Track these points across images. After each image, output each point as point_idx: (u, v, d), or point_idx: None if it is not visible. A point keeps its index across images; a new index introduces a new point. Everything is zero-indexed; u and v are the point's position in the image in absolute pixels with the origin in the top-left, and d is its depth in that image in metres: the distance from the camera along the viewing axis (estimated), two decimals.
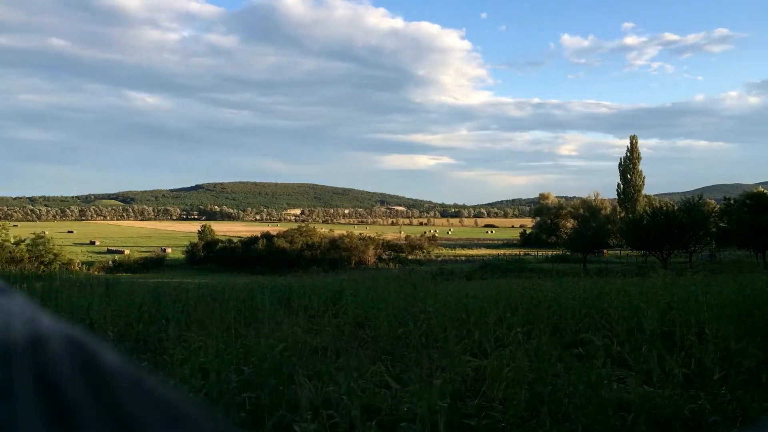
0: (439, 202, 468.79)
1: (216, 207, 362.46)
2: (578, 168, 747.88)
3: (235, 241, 62.98)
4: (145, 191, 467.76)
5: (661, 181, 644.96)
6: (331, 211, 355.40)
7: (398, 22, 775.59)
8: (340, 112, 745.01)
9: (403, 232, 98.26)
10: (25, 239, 47.37)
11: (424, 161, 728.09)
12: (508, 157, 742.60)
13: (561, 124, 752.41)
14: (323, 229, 78.77)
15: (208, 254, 58.59)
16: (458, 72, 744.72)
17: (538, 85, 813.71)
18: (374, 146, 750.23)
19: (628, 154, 74.60)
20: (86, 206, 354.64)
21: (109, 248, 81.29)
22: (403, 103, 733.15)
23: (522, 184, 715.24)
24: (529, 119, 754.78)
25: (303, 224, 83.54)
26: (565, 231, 72.66)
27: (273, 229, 79.69)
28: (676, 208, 46.68)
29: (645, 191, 74.08)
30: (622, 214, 66.20)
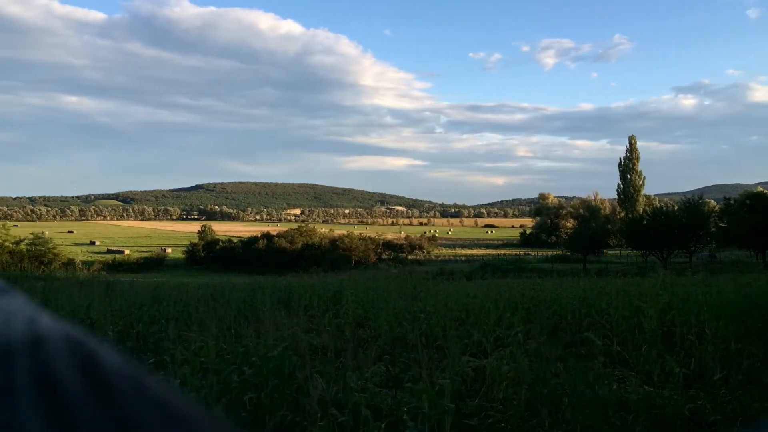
0: (439, 202, 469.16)
1: (216, 207, 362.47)
2: (546, 168, 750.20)
3: (235, 241, 62.98)
4: (145, 191, 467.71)
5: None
6: (331, 211, 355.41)
7: (326, 33, 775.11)
8: (281, 114, 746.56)
9: (403, 232, 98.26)
10: (24, 239, 47.37)
11: (392, 162, 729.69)
12: (472, 159, 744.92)
13: (508, 126, 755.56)
14: (323, 229, 78.77)
15: (208, 254, 58.59)
16: (382, 76, 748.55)
17: (465, 90, 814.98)
18: (332, 147, 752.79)
19: (628, 154, 74.58)
20: (86, 206, 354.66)
21: (109, 248, 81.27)
22: (340, 107, 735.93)
23: (500, 185, 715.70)
24: (471, 123, 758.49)
25: (303, 224, 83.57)
26: (565, 231, 72.67)
27: (273, 229, 79.69)
28: (676, 208, 46.69)
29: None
30: (622, 214, 66.20)
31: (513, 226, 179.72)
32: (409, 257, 64.51)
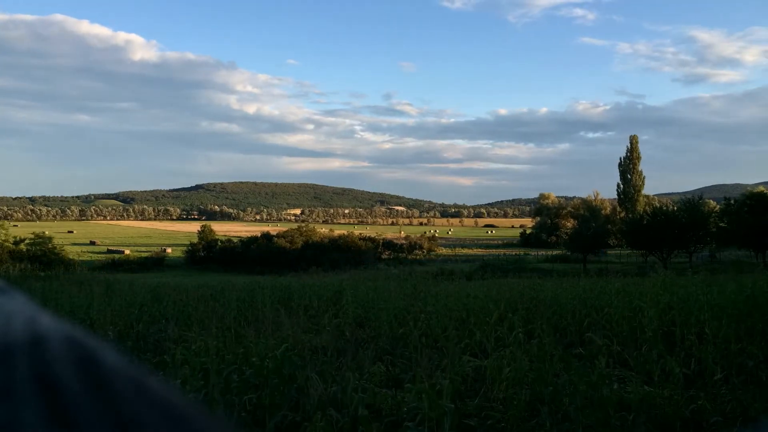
0: (439, 202, 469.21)
1: (216, 207, 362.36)
2: (498, 170, 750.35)
3: (235, 241, 62.93)
4: (145, 191, 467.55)
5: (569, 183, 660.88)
6: (331, 211, 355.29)
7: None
8: (191, 118, 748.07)
9: (403, 232, 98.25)
10: (25, 239, 47.36)
11: (336, 164, 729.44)
12: (415, 160, 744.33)
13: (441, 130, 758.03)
14: (323, 229, 78.75)
15: (208, 254, 58.52)
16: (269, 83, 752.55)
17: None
18: (267, 150, 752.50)
19: (628, 154, 74.54)
20: (86, 206, 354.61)
21: (109, 248, 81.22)
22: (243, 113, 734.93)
23: (469, 185, 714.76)
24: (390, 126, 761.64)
25: (303, 224, 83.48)
26: (565, 231, 72.60)
27: (273, 229, 79.68)
28: (676, 208, 46.66)
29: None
30: (622, 214, 66.18)
31: (513, 226, 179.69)
32: (409, 257, 64.48)
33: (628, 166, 73.75)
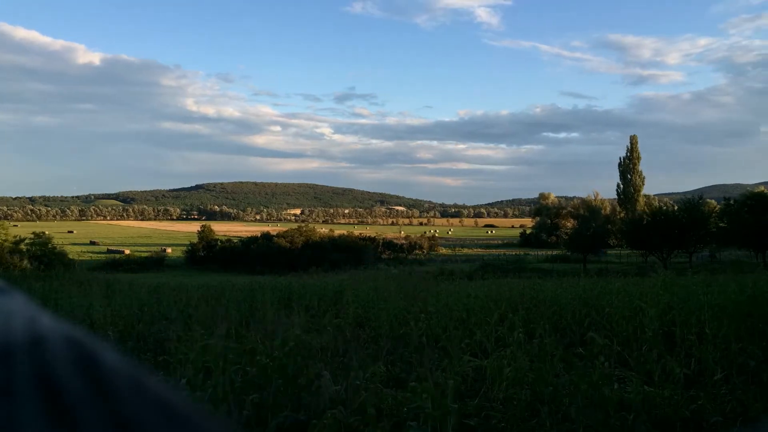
0: (439, 202, 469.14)
1: (216, 207, 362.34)
2: (470, 170, 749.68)
3: (235, 240, 62.95)
4: (145, 191, 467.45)
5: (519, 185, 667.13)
6: (331, 211, 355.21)
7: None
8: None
9: (403, 232, 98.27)
10: (25, 239, 47.34)
11: (313, 164, 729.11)
12: (389, 160, 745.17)
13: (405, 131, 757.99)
14: (323, 229, 78.75)
15: (208, 254, 58.54)
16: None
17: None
18: (243, 150, 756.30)
19: (628, 155, 74.54)
20: (86, 206, 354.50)
21: (110, 248, 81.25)
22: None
23: (456, 185, 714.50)
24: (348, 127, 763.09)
25: (303, 224, 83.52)
26: (565, 231, 72.58)
27: (273, 229, 79.68)
28: (676, 208, 46.66)
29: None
30: (622, 214, 66.17)
31: (513, 226, 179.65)
32: (409, 257, 64.50)
33: (628, 166, 73.75)
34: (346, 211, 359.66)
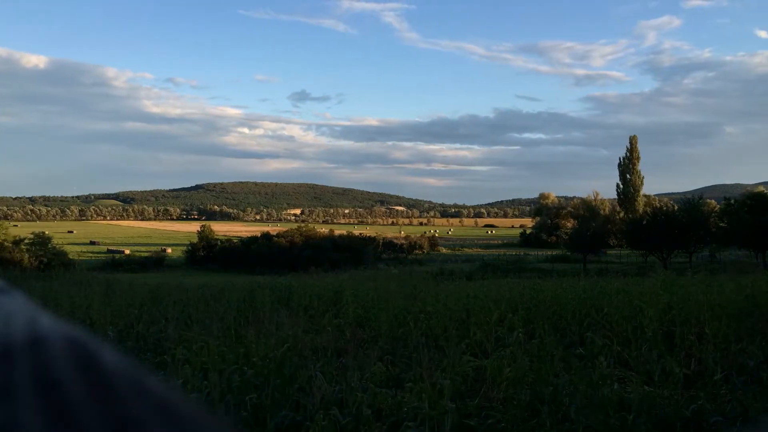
0: (439, 202, 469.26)
1: (216, 207, 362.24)
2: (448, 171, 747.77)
3: (235, 240, 62.96)
4: (145, 191, 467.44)
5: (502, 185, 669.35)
6: (331, 211, 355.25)
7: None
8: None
9: (403, 232, 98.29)
10: (25, 239, 47.35)
11: (295, 164, 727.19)
12: (367, 161, 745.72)
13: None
14: (323, 229, 78.77)
15: (208, 254, 58.55)
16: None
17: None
18: (216, 151, 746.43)
19: (628, 155, 74.51)
20: (86, 206, 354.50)
21: (109, 248, 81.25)
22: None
23: (442, 186, 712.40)
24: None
25: (303, 224, 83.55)
26: (565, 231, 72.57)
27: (273, 229, 79.66)
28: (676, 208, 46.67)
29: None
30: (622, 214, 66.15)
31: (513, 226, 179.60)
32: (409, 257, 64.50)
33: (628, 167, 73.71)
34: (346, 211, 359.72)
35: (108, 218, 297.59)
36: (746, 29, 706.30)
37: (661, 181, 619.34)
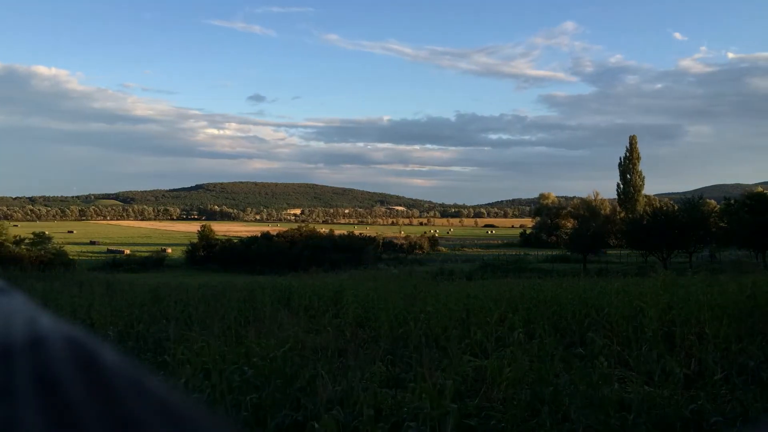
0: (439, 202, 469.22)
1: (216, 207, 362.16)
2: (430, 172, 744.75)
3: (235, 240, 62.97)
4: (145, 191, 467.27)
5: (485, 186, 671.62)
6: (331, 211, 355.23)
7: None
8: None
9: (403, 232, 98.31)
10: (25, 239, 47.38)
11: (266, 166, 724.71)
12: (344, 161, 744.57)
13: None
14: (323, 229, 78.78)
15: (208, 254, 58.58)
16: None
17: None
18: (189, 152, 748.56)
19: (628, 154, 74.51)
20: (86, 206, 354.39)
21: (109, 248, 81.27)
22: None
23: (430, 186, 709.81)
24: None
25: (303, 224, 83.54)
26: (565, 231, 72.59)
27: (273, 228, 79.68)
28: (676, 208, 46.67)
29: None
30: (622, 214, 66.15)
31: (513, 226, 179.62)
32: (410, 257, 64.50)
33: (628, 166, 73.73)
34: (346, 211, 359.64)
35: (108, 218, 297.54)
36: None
37: (660, 181, 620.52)
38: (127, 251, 69.84)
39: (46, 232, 55.19)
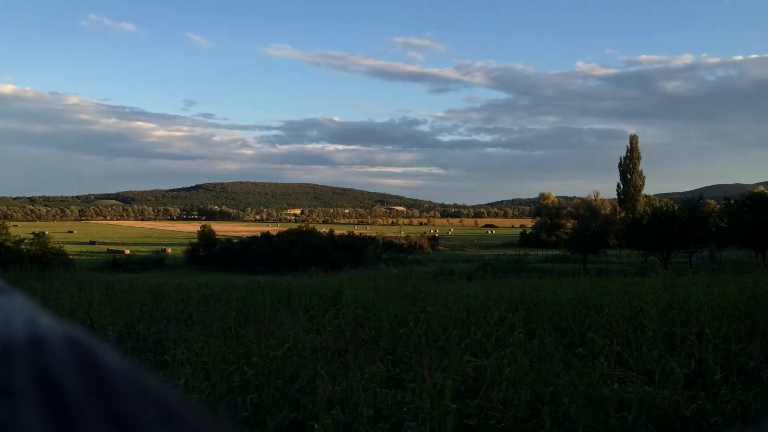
0: (439, 202, 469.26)
1: (216, 207, 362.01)
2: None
3: (235, 241, 62.96)
4: (145, 191, 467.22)
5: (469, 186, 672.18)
6: (331, 211, 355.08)
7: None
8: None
9: (403, 232, 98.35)
10: (25, 239, 47.36)
11: (229, 166, 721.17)
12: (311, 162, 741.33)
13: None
14: (323, 229, 78.77)
15: (208, 254, 58.57)
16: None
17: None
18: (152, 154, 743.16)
19: (628, 154, 74.48)
20: (86, 206, 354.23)
21: (109, 248, 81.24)
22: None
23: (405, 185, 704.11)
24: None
25: (303, 224, 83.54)
26: (565, 231, 72.61)
27: (273, 229, 79.66)
28: (676, 208, 46.67)
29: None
30: (622, 214, 66.13)
31: (513, 226, 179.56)
32: (409, 257, 64.49)
33: (628, 167, 73.68)
34: (346, 211, 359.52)
35: (108, 218, 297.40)
36: None
37: (661, 181, 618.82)
38: (127, 251, 69.83)
39: (46, 232, 55.16)
